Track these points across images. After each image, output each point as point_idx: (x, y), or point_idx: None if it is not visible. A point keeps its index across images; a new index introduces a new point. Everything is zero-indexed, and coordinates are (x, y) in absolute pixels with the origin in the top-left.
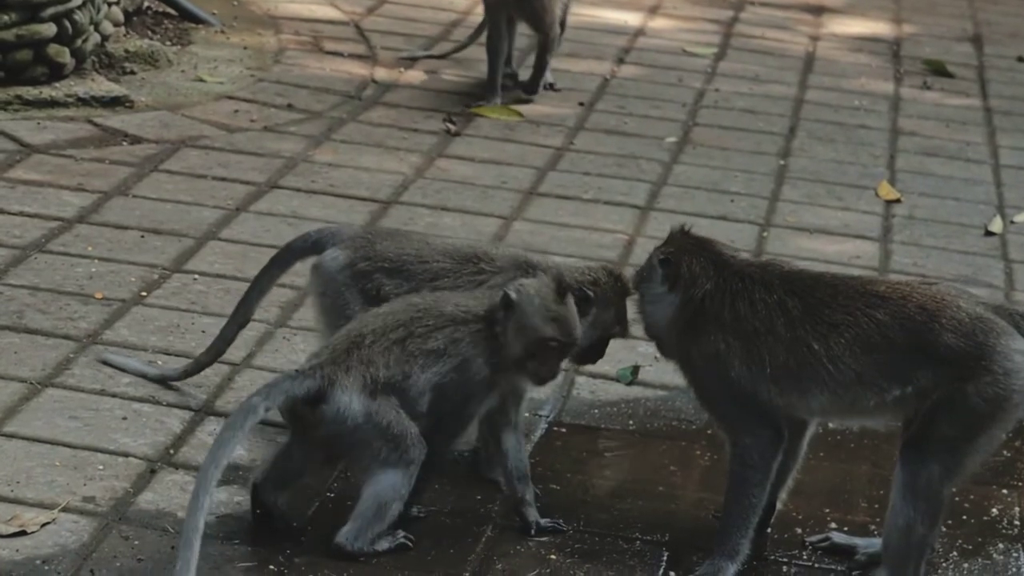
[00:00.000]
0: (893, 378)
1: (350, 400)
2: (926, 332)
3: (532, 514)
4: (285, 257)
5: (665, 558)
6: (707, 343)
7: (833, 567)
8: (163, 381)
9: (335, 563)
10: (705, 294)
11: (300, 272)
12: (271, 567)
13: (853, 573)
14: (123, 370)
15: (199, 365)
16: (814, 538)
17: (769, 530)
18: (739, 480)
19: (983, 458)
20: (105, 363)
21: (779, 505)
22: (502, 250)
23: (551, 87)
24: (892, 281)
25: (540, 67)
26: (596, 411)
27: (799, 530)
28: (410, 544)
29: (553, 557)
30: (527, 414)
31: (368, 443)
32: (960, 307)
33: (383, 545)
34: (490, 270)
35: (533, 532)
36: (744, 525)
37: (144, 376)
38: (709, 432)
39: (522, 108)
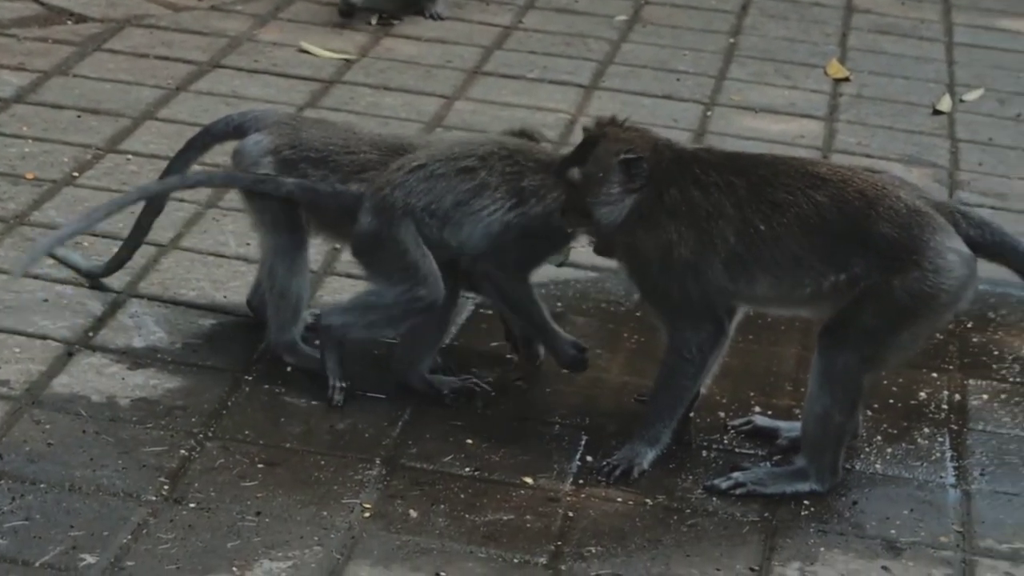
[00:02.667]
0: (830, 263)
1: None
2: (862, 218)
3: (540, 353)
4: (204, 140)
5: (583, 442)
6: (659, 235)
7: (754, 451)
8: (90, 277)
9: (246, 446)
10: (664, 187)
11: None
12: (182, 451)
13: (774, 457)
14: (62, 262)
15: (119, 261)
16: (737, 422)
17: (692, 414)
18: (672, 370)
19: (907, 353)
20: (48, 255)
21: (703, 391)
22: (428, 139)
23: (436, 16)
24: (834, 164)
25: None
26: None
27: (722, 414)
28: (338, 401)
29: (469, 441)
30: None
31: (383, 261)
32: (900, 198)
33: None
34: None
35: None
36: (670, 415)
37: (77, 270)
38: (638, 314)
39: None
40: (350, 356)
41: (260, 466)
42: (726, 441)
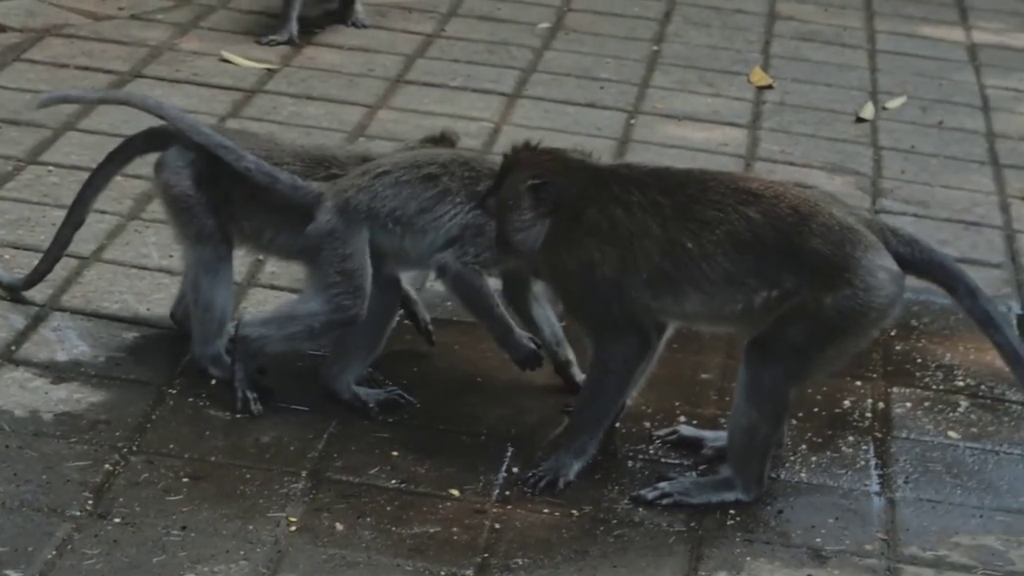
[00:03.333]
0: (762, 279)
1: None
2: (795, 234)
3: (579, 374)
4: (125, 153)
5: (509, 453)
6: (580, 254)
7: (680, 461)
8: (11, 290)
9: (171, 460)
10: (581, 208)
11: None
12: (107, 466)
13: (700, 467)
14: None
15: (38, 274)
16: (662, 432)
17: (618, 424)
18: (598, 383)
19: (833, 367)
20: None
21: (628, 401)
22: (350, 151)
23: (358, 23)
24: (766, 179)
25: None
26: (449, 303)
27: (647, 424)
28: (258, 411)
29: (395, 453)
30: None
31: (326, 262)
32: (832, 214)
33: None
34: (340, 174)
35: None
36: (596, 427)
37: None
38: (563, 324)
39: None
40: (274, 368)
41: (185, 480)
42: (652, 451)
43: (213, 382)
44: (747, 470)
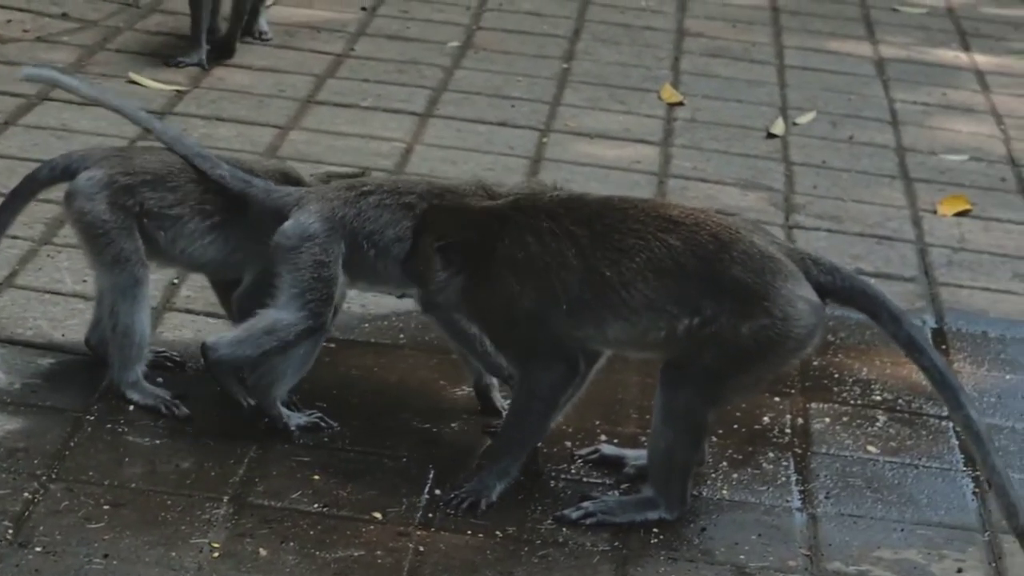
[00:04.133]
0: (682, 306)
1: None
2: (715, 262)
3: (499, 399)
4: (29, 187)
5: (431, 475)
6: (499, 290)
7: (603, 480)
8: None
9: (91, 487)
10: (492, 249)
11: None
12: (26, 494)
13: (622, 486)
14: None
15: None
16: (583, 451)
17: (540, 444)
18: (523, 409)
19: (750, 393)
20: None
21: (551, 424)
22: (266, 164)
23: (261, 36)
24: (687, 207)
25: (244, 13)
26: (366, 325)
27: (569, 443)
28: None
29: (316, 478)
30: None
31: (301, 265)
32: (753, 243)
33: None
34: None
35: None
36: (519, 450)
37: None
38: None
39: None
40: (194, 393)
41: (106, 507)
42: (574, 471)
43: (131, 408)
44: (669, 489)
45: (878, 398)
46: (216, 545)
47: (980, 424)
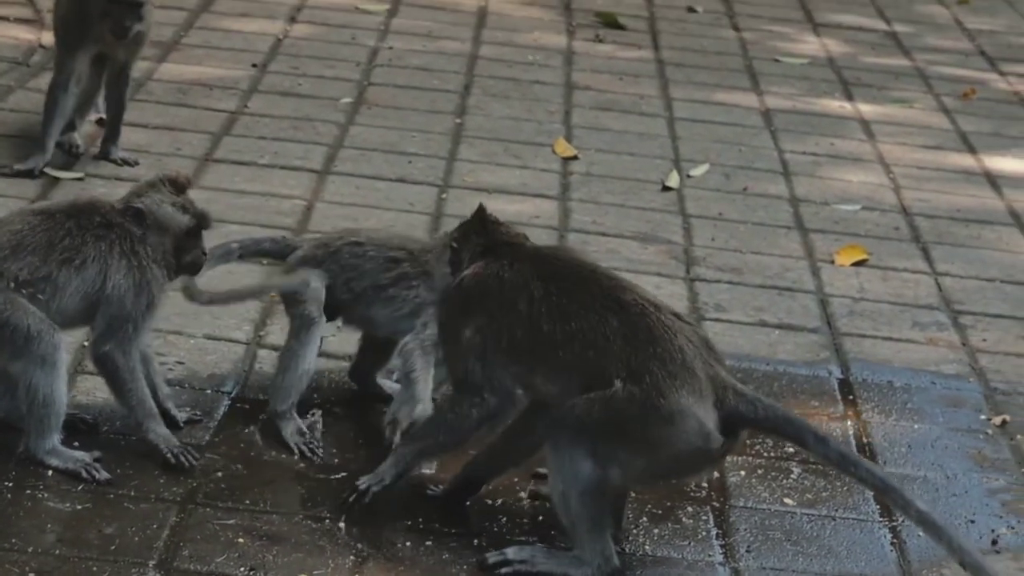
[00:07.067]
0: (597, 377)
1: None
2: (640, 351)
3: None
4: None
5: (356, 535)
6: (455, 314)
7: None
8: None
9: (15, 555)
10: (467, 276)
11: None
12: None
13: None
14: None
15: None
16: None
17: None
18: (438, 423)
19: (643, 477)
20: None
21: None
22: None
23: (73, 150)
24: (645, 295)
25: (119, 120)
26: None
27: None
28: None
29: (241, 540)
30: (208, 391)
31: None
32: (682, 350)
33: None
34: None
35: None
36: (416, 458)
37: None
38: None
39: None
40: (112, 457)
41: (31, 575)
42: (503, 520)
43: (50, 473)
44: (586, 548)
45: (790, 450)
46: None
47: (934, 515)
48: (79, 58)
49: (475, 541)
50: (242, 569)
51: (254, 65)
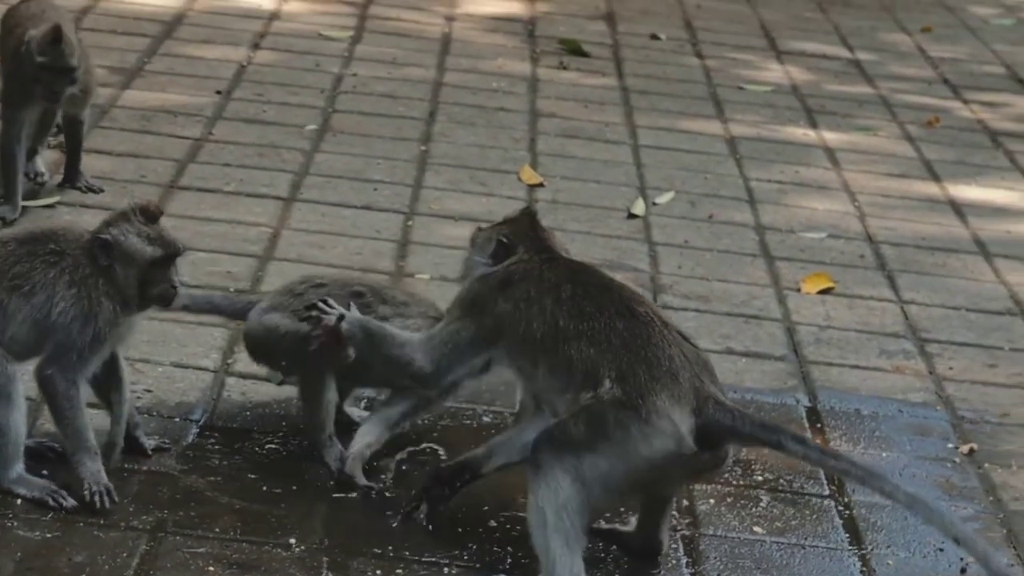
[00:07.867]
0: (589, 375)
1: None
2: (633, 353)
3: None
4: None
5: (325, 563)
6: (485, 294)
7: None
8: None
9: None
10: (511, 264)
11: None
12: None
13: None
14: None
15: None
16: None
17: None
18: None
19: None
20: None
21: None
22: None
23: (37, 178)
24: (654, 308)
25: (78, 152)
26: (248, 413)
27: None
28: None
29: (212, 569)
30: (176, 419)
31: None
32: (671, 358)
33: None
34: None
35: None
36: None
37: None
38: None
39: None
40: (75, 486)
41: None
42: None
43: (19, 501)
44: (556, 570)
45: (759, 478)
46: None
47: (924, 496)
48: (27, 113)
49: (445, 570)
50: None
51: (218, 92)
